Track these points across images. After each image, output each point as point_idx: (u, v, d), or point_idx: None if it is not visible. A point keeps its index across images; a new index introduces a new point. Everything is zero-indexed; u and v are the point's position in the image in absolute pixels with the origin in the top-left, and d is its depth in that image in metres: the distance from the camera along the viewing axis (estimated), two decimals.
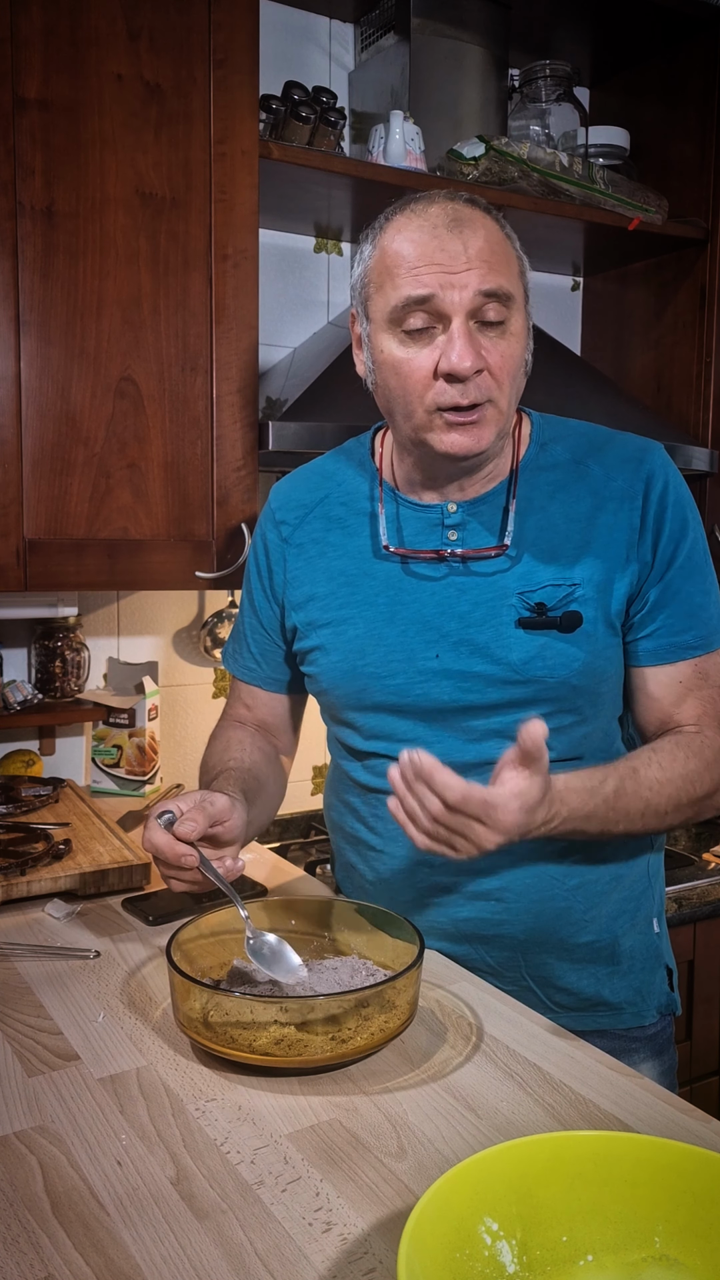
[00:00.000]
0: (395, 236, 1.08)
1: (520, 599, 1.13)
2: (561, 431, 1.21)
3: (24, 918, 1.32)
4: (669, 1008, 1.28)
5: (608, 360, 2.47)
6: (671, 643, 1.15)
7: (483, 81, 2.06)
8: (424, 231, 1.06)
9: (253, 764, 1.27)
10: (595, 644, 1.13)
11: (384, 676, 1.17)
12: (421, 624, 1.16)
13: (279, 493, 1.31)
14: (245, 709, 1.37)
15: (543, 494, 1.17)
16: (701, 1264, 0.68)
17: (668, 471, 1.16)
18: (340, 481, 1.26)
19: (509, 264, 1.08)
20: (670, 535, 1.14)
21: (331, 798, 1.34)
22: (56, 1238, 0.74)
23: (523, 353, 1.11)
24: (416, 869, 1.21)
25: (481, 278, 1.05)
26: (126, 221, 1.59)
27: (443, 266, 1.05)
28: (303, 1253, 0.72)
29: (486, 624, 1.14)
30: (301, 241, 2.16)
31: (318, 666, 1.23)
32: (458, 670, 1.14)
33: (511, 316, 1.08)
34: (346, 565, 1.21)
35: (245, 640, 1.34)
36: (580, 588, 1.13)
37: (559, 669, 1.12)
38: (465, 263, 1.05)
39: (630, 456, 1.17)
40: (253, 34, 1.65)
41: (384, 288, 1.08)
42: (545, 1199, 0.71)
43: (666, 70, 2.26)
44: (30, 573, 1.58)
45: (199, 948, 1.07)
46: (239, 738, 1.32)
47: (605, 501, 1.15)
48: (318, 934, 1.14)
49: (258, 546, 1.31)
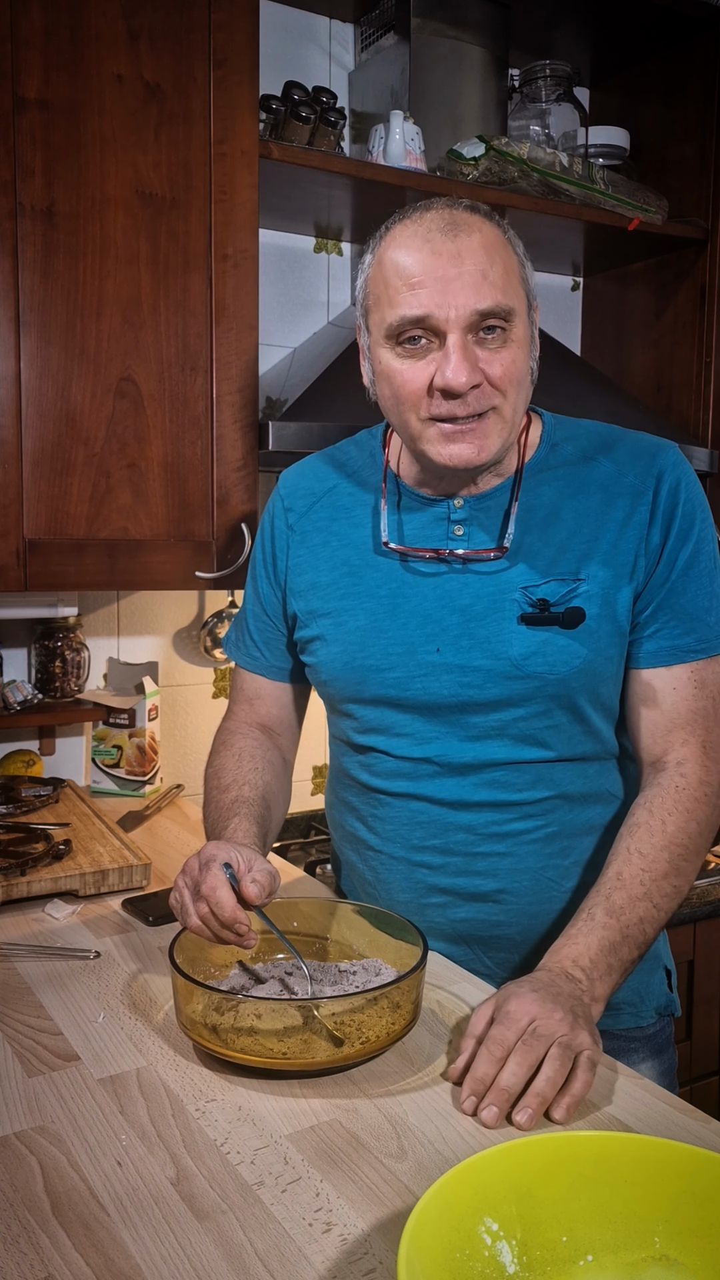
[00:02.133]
0: (391, 247, 1.07)
1: (523, 594, 1.13)
2: (574, 431, 1.20)
3: (24, 918, 1.32)
4: (668, 1009, 1.28)
5: (608, 360, 2.47)
6: (672, 645, 1.13)
7: (483, 81, 2.06)
8: (419, 239, 1.04)
9: (265, 788, 1.24)
10: (597, 642, 1.12)
11: (384, 669, 1.17)
12: (423, 617, 1.16)
13: (288, 480, 1.31)
14: (249, 706, 1.35)
15: (551, 489, 1.16)
16: (701, 1264, 0.68)
17: (680, 469, 1.15)
18: (350, 472, 1.26)
19: (508, 272, 1.06)
20: (679, 534, 1.13)
21: (331, 796, 1.34)
22: (56, 1238, 0.74)
23: (526, 360, 1.09)
24: (415, 869, 1.21)
25: (478, 294, 1.03)
26: (126, 221, 1.59)
27: (439, 281, 1.03)
28: (303, 1253, 0.72)
29: (488, 618, 1.13)
30: (301, 241, 2.16)
31: (318, 657, 1.23)
32: (458, 664, 1.14)
33: (513, 325, 1.06)
34: (350, 555, 1.21)
35: (248, 627, 1.33)
36: (585, 584, 1.12)
37: (560, 665, 1.12)
38: (460, 276, 1.02)
39: (643, 453, 1.15)
40: (253, 34, 1.65)
41: (380, 303, 1.07)
42: (545, 1199, 0.71)
43: (666, 70, 2.26)
44: (30, 573, 1.58)
45: (201, 949, 1.06)
46: (250, 750, 1.28)
47: (616, 497, 1.13)
48: (319, 936, 1.14)
49: (264, 531, 1.31)
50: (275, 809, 1.26)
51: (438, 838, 1.19)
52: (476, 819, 1.17)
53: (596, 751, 1.18)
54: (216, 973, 1.08)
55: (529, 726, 1.14)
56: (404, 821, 1.20)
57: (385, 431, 1.27)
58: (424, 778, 1.17)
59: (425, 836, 1.19)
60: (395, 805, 1.21)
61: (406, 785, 1.19)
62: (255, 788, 1.23)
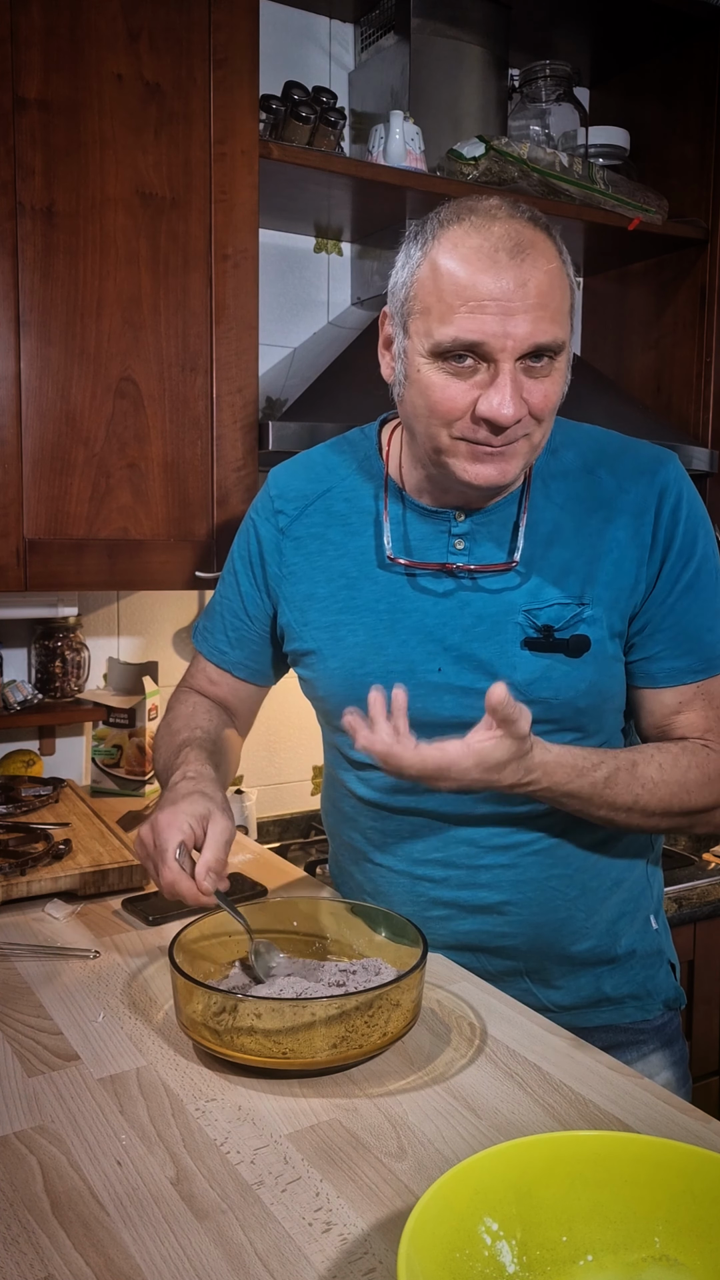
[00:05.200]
0: (451, 252, 1.00)
1: (526, 617, 1.11)
2: (574, 436, 1.17)
3: (24, 918, 1.32)
4: (675, 1001, 1.27)
5: (608, 360, 2.47)
6: (674, 667, 1.12)
7: (483, 81, 2.06)
8: (484, 257, 0.98)
9: (216, 731, 1.26)
10: (602, 665, 1.11)
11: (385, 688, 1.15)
12: (423, 635, 1.14)
13: (278, 480, 1.27)
14: (209, 683, 1.34)
15: (554, 504, 1.14)
16: (701, 1264, 0.68)
17: (681, 485, 1.13)
18: (344, 476, 1.22)
19: (564, 301, 1.02)
20: (680, 554, 1.11)
21: (328, 804, 1.33)
22: (56, 1238, 0.73)
23: (563, 388, 1.06)
24: (417, 883, 1.19)
25: (537, 327, 0.99)
26: (126, 221, 1.59)
27: (500, 305, 0.98)
28: (303, 1253, 0.72)
29: (490, 640, 1.12)
30: (301, 241, 2.16)
31: (314, 672, 1.21)
32: (460, 686, 1.12)
33: (559, 357, 1.03)
34: (348, 567, 1.18)
35: (222, 622, 1.30)
36: (589, 608, 1.10)
37: (565, 690, 1.10)
38: (523, 306, 0.98)
39: (644, 468, 1.13)
40: (253, 34, 1.65)
41: (431, 314, 1.01)
42: (545, 1199, 0.71)
43: (666, 70, 2.26)
44: (30, 573, 1.58)
45: (201, 949, 1.06)
46: (203, 705, 1.30)
47: (616, 515, 1.11)
48: (319, 935, 1.14)
49: (249, 533, 1.27)
50: (226, 755, 1.26)
51: (440, 851, 1.17)
52: (479, 832, 1.16)
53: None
54: (216, 972, 1.08)
55: None
56: (405, 835, 1.19)
57: (380, 431, 1.24)
58: (425, 791, 1.15)
59: (427, 850, 1.18)
60: (395, 819, 1.19)
61: (407, 800, 1.17)
62: (206, 730, 1.25)
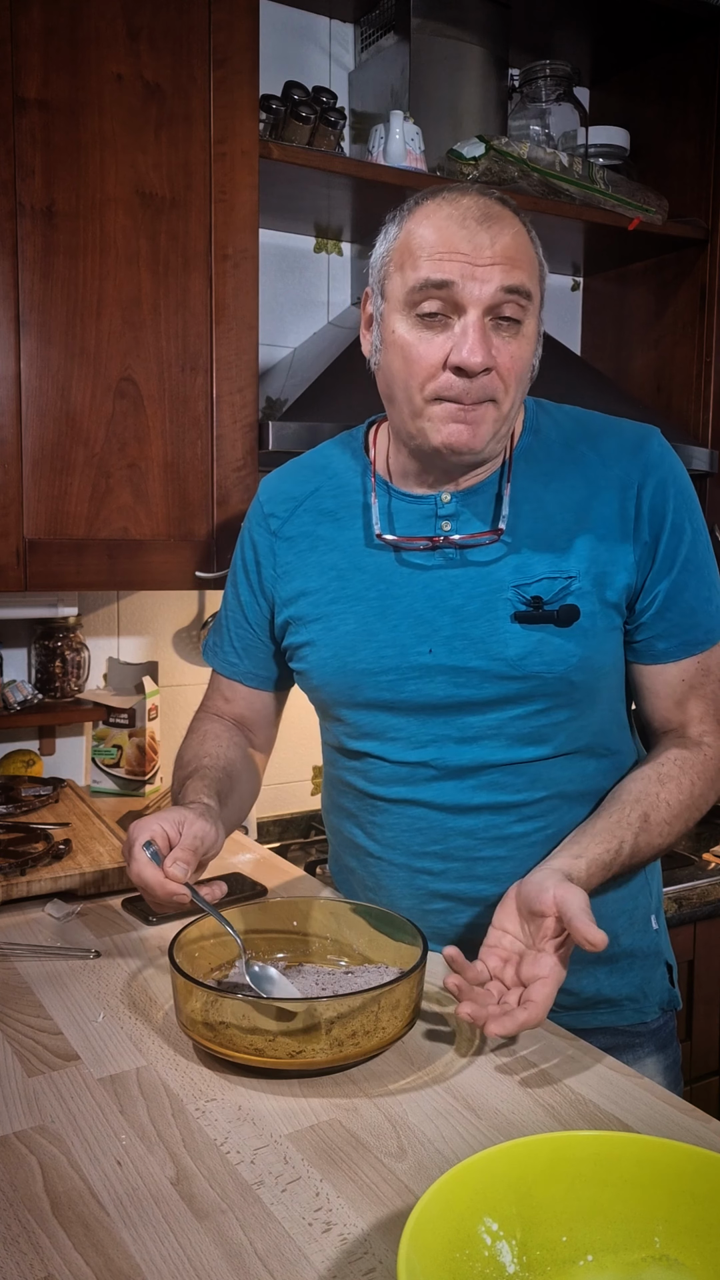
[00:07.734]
0: (424, 220, 1.07)
1: (516, 592, 1.12)
2: (556, 416, 1.20)
3: (24, 918, 1.32)
4: (671, 1003, 1.28)
5: (608, 360, 2.47)
6: (682, 640, 1.15)
7: (483, 81, 2.06)
8: (453, 220, 1.05)
9: (227, 761, 1.26)
10: (593, 638, 1.12)
11: (376, 673, 1.16)
12: (414, 618, 1.15)
13: (268, 486, 1.30)
14: (224, 701, 1.36)
15: (537, 482, 1.16)
16: (701, 1264, 0.68)
17: (665, 458, 1.15)
18: (332, 474, 1.25)
19: (531, 266, 1.07)
20: (673, 530, 1.13)
21: (327, 801, 1.34)
22: (56, 1238, 0.74)
23: (531, 356, 1.10)
24: (416, 876, 1.20)
25: (505, 274, 1.04)
26: (126, 221, 1.59)
27: (467, 257, 1.03)
28: (303, 1253, 0.72)
29: (481, 618, 1.13)
30: (301, 241, 2.16)
31: (308, 663, 1.22)
32: (452, 665, 1.13)
33: (527, 318, 1.07)
34: (337, 559, 1.20)
35: (228, 634, 1.33)
36: (577, 580, 1.12)
37: (556, 664, 1.12)
38: (490, 257, 1.04)
39: (627, 443, 1.15)
40: (253, 34, 1.65)
41: (404, 267, 1.07)
42: (545, 1199, 0.71)
43: (666, 70, 2.26)
44: (30, 573, 1.58)
45: (201, 949, 1.06)
46: (215, 731, 1.31)
47: (600, 490, 1.14)
48: (319, 935, 1.14)
49: (244, 541, 1.30)
50: (239, 783, 1.27)
51: (438, 843, 1.18)
52: (476, 823, 1.16)
53: (594, 746, 1.18)
54: (216, 972, 1.08)
55: (527, 725, 1.14)
56: (403, 828, 1.20)
57: (366, 432, 1.26)
58: (421, 782, 1.17)
59: (425, 843, 1.19)
60: (394, 811, 1.20)
61: (404, 791, 1.19)
62: (215, 759, 1.25)
